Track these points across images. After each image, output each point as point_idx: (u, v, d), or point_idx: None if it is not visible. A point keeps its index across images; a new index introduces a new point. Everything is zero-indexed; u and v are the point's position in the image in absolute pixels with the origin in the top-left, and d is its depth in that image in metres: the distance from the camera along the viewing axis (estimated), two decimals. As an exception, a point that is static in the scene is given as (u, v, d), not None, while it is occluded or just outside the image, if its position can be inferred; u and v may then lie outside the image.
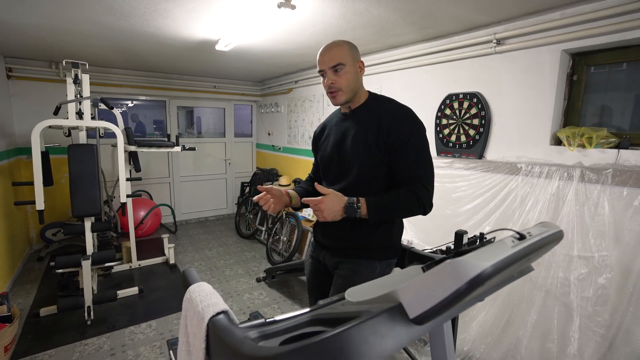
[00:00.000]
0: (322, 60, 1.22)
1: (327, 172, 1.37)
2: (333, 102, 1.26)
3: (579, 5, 1.94)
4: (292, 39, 2.83)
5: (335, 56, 1.20)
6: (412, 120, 1.19)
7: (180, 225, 5.18)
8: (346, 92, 1.23)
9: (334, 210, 1.09)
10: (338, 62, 1.19)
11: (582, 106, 2.12)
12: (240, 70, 4.40)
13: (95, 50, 3.25)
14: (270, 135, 5.48)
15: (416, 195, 1.12)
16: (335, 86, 1.21)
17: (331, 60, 1.20)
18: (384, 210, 1.13)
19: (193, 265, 3.75)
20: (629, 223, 1.65)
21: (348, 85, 1.22)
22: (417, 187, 1.14)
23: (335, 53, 1.20)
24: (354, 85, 1.24)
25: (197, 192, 5.46)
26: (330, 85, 1.21)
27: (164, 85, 4.73)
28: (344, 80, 1.21)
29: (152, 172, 4.98)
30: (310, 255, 1.47)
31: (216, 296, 0.89)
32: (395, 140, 1.16)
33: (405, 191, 1.14)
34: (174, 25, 2.46)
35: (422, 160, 1.18)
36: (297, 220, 3.80)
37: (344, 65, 1.20)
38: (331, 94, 1.24)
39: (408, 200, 1.12)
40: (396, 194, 1.14)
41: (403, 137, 1.16)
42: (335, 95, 1.23)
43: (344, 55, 1.21)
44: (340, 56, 1.20)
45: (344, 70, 1.20)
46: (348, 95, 1.24)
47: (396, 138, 1.16)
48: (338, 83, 1.21)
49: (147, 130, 5.31)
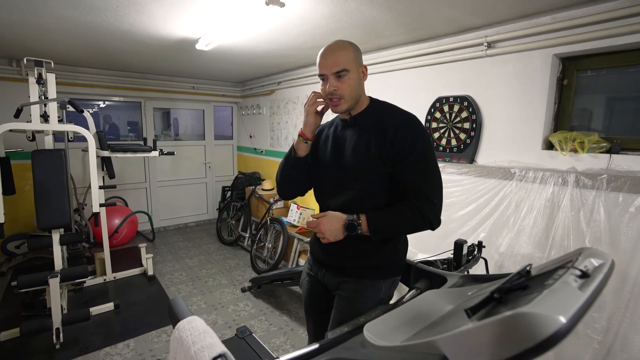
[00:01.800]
0: (324, 64, 1.10)
1: (322, 183, 1.26)
2: (333, 110, 1.15)
3: (570, 10, 1.93)
4: (276, 39, 2.71)
5: (339, 61, 1.09)
6: (418, 128, 1.11)
7: (159, 233, 4.93)
8: (348, 99, 1.12)
9: (335, 229, 1.06)
10: (342, 67, 1.08)
11: (572, 111, 2.12)
12: (220, 70, 4.23)
13: (61, 47, 2.99)
14: (252, 137, 5.32)
15: (420, 210, 1.04)
16: (338, 93, 1.10)
17: (335, 64, 1.09)
18: (386, 227, 1.06)
19: (173, 275, 3.55)
20: (625, 229, 1.65)
21: (351, 92, 1.12)
22: (422, 201, 1.05)
23: (340, 57, 1.09)
24: (357, 92, 1.14)
25: (175, 197, 5.22)
26: (333, 92, 1.10)
27: (139, 85, 4.48)
28: (347, 87, 1.10)
29: (127, 177, 4.71)
30: (307, 272, 1.36)
31: (210, 335, 0.77)
32: (400, 150, 1.07)
33: (409, 206, 1.05)
34: (150, 22, 2.28)
35: (429, 171, 1.09)
36: (282, 225, 3.68)
37: (348, 71, 1.09)
38: (332, 102, 1.13)
39: (412, 216, 1.04)
40: (399, 210, 1.06)
41: (408, 147, 1.07)
42: (337, 103, 1.12)
43: (349, 60, 1.10)
44: (345, 61, 1.09)
45: (348, 76, 1.10)
46: (350, 104, 1.13)
47: (401, 148, 1.07)
48: (341, 90, 1.10)
49: (120, 132, 5.03)
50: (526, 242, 1.95)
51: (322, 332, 1.26)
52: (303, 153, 1.24)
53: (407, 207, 1.06)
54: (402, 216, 1.05)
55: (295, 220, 4.13)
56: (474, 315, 0.50)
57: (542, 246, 1.90)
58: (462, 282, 1.01)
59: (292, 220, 4.14)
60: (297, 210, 4.16)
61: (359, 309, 1.10)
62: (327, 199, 1.23)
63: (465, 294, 0.79)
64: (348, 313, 1.11)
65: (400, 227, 1.08)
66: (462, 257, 1.64)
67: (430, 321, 0.71)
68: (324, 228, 1.05)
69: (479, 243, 1.77)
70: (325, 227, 1.05)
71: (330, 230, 1.05)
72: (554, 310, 0.39)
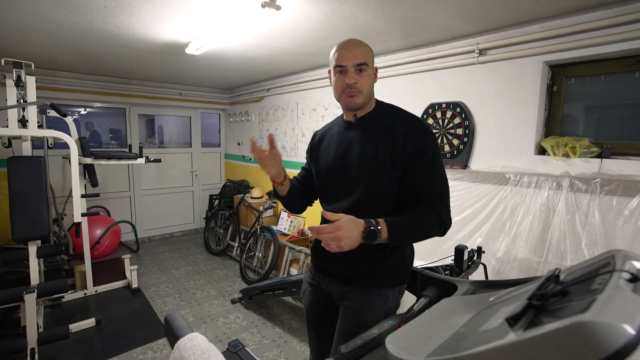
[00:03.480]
0: (345, 56, 1.07)
1: (326, 188, 1.22)
2: (349, 102, 1.11)
3: (559, 19, 1.98)
4: (269, 44, 2.67)
5: (361, 54, 1.07)
6: (427, 130, 1.08)
7: (143, 243, 4.74)
8: (365, 95, 1.10)
9: (353, 237, 0.91)
10: (364, 61, 1.07)
11: (562, 117, 2.16)
12: (209, 76, 4.16)
13: (43, 49, 2.87)
14: (240, 145, 5.24)
15: (437, 213, 1.01)
16: (358, 87, 1.07)
17: (357, 57, 1.06)
18: (407, 233, 1.00)
19: (159, 287, 3.40)
20: (620, 232, 1.66)
21: (368, 88, 1.10)
22: (435, 202, 1.02)
23: (362, 51, 1.08)
24: (372, 90, 1.13)
25: (161, 206, 5.06)
26: (353, 85, 1.07)
27: (124, 91, 4.35)
28: (366, 82, 1.09)
29: (110, 185, 4.53)
30: (308, 282, 1.30)
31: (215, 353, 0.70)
32: (411, 152, 1.04)
33: (425, 209, 1.01)
34: (139, 25, 2.21)
35: (439, 174, 1.07)
36: (273, 234, 3.59)
37: (367, 66, 1.08)
38: (349, 94, 1.09)
39: (429, 219, 1.00)
40: (417, 213, 1.01)
41: (419, 150, 1.04)
42: (356, 94, 1.09)
43: (369, 56, 1.09)
44: (366, 56, 1.08)
45: (367, 72, 1.09)
46: (365, 100, 1.11)
47: (412, 151, 1.04)
48: (360, 84, 1.08)
49: (102, 140, 4.86)
50: (523, 247, 1.94)
51: (327, 345, 1.20)
52: (287, 189, 1.27)
53: (424, 210, 1.01)
54: (421, 220, 1.00)
55: (286, 228, 4.06)
56: (516, 324, 0.46)
57: (539, 251, 1.90)
58: (473, 289, 0.97)
59: (282, 228, 4.07)
60: (287, 218, 4.09)
61: (367, 319, 1.05)
62: (331, 203, 1.18)
63: (485, 301, 0.76)
64: (356, 324, 1.05)
65: (419, 232, 1.02)
66: (463, 263, 1.62)
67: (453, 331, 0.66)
68: (343, 234, 0.89)
69: (478, 248, 1.75)
70: (344, 233, 0.89)
71: (348, 238, 0.89)
72: (619, 318, 0.36)
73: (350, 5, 1.85)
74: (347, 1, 1.81)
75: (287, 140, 4.25)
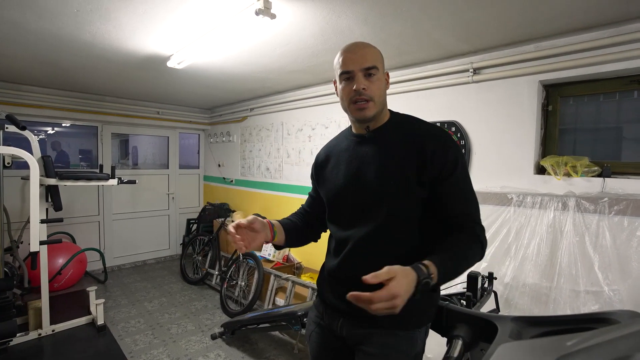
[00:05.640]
0: (351, 59, 0.93)
1: (338, 212, 1.05)
2: (358, 115, 0.96)
3: (553, 39, 1.98)
4: (256, 60, 2.56)
5: (369, 56, 0.93)
6: (453, 143, 0.95)
7: (112, 272, 4.32)
8: (377, 104, 0.95)
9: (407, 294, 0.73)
10: (373, 64, 0.93)
11: (558, 136, 2.14)
12: (190, 94, 3.98)
13: (2, 58, 2.61)
14: (221, 166, 5.01)
15: (479, 238, 0.88)
16: (367, 94, 0.92)
17: (364, 60, 0.92)
18: (454, 271, 0.85)
19: (129, 323, 3.03)
20: (635, 254, 1.59)
21: (380, 95, 0.96)
22: (475, 228, 0.89)
23: (369, 53, 0.94)
24: (384, 98, 0.98)
25: (133, 231, 4.68)
26: (362, 92, 0.92)
27: (97, 108, 4.08)
28: (377, 88, 0.94)
29: (76, 210, 4.15)
30: (315, 322, 1.10)
31: None
32: (441, 169, 0.90)
33: (468, 238, 0.88)
34: (117, 34, 2.04)
35: (470, 193, 0.94)
36: (257, 261, 3.34)
37: (378, 70, 0.94)
38: (358, 105, 0.94)
39: (474, 249, 0.86)
40: (461, 245, 0.87)
41: (449, 166, 0.90)
42: (365, 106, 0.93)
43: (378, 58, 0.95)
44: (375, 58, 0.94)
45: (377, 76, 0.94)
46: (378, 109, 0.96)
47: (441, 168, 0.90)
48: (370, 91, 0.93)
49: (71, 161, 4.50)
50: (532, 271, 1.84)
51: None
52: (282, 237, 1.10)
53: (466, 239, 0.88)
54: (467, 252, 0.86)
55: (270, 254, 3.80)
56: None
57: (549, 275, 1.79)
58: (520, 328, 0.82)
59: (267, 254, 3.81)
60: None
61: (393, 368, 0.87)
62: (344, 230, 1.01)
63: (562, 346, 0.60)
64: None
65: (465, 266, 0.88)
66: (477, 291, 1.48)
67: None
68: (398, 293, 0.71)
69: (489, 274, 1.62)
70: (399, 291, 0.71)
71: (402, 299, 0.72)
72: None
73: (348, 17, 1.77)
74: (345, 13, 1.73)
75: (272, 161, 4.09)
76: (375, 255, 0.93)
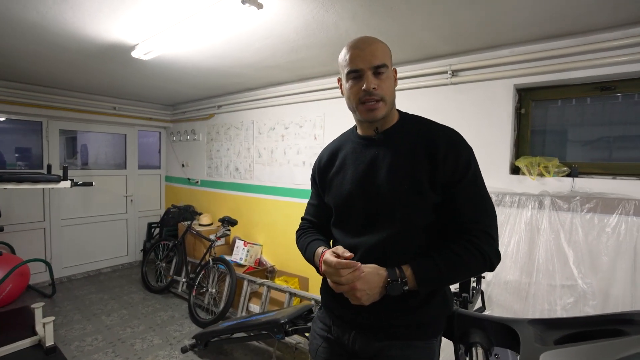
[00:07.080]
0: (359, 56, 0.87)
1: (346, 219, 0.98)
2: (368, 116, 0.90)
3: (527, 45, 2.07)
4: (231, 54, 2.41)
5: (379, 53, 0.87)
6: (466, 146, 0.93)
7: (61, 285, 3.89)
8: (388, 103, 0.90)
9: (373, 290, 0.82)
10: (382, 62, 0.87)
11: (530, 138, 2.24)
12: (152, 89, 3.69)
13: None
14: (185, 167, 4.73)
15: (479, 249, 0.83)
16: (378, 93, 0.87)
17: (374, 57, 0.86)
18: (439, 278, 0.84)
19: (85, 341, 2.73)
20: (604, 249, 1.69)
21: (391, 94, 0.91)
22: (479, 237, 0.84)
23: (379, 49, 0.88)
24: (394, 97, 0.94)
25: (85, 238, 4.25)
26: (372, 92, 0.86)
27: (42, 101, 3.64)
28: (387, 87, 0.89)
29: (17, 216, 3.68)
30: (322, 336, 1.02)
31: None
32: (453, 173, 0.87)
33: (464, 246, 0.84)
34: (73, 15, 1.79)
35: (484, 199, 0.89)
36: (229, 266, 3.17)
37: (387, 67, 0.89)
38: (367, 105, 0.88)
39: (470, 258, 0.83)
40: (452, 253, 0.83)
41: (462, 170, 0.87)
42: (376, 106, 0.88)
43: (387, 54, 0.90)
44: (384, 55, 0.89)
45: (387, 74, 0.89)
46: (388, 109, 0.91)
47: (454, 171, 0.87)
48: (381, 90, 0.87)
49: (6, 161, 3.98)
50: (512, 268, 1.90)
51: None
52: None
53: (462, 248, 0.83)
54: (458, 260, 0.82)
55: (242, 258, 3.64)
56: None
57: (528, 271, 1.87)
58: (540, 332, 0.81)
59: (238, 258, 3.64)
60: (243, 247, 3.68)
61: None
62: (353, 237, 0.95)
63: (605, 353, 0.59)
64: None
65: (455, 275, 0.85)
66: (470, 291, 1.49)
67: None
68: (361, 293, 0.81)
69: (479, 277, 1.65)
70: (362, 292, 0.81)
71: (368, 295, 0.81)
72: None
73: (336, 12, 1.71)
74: (334, 8, 1.66)
75: (241, 161, 3.92)
76: (387, 264, 0.88)
